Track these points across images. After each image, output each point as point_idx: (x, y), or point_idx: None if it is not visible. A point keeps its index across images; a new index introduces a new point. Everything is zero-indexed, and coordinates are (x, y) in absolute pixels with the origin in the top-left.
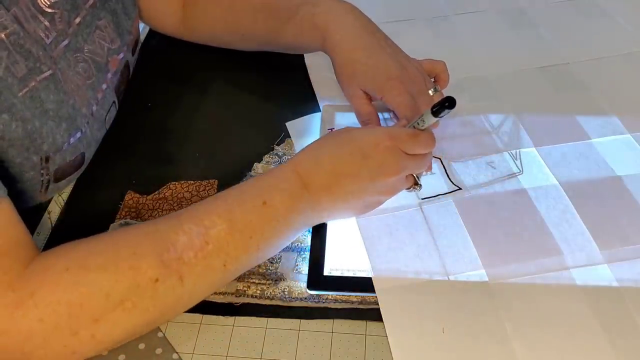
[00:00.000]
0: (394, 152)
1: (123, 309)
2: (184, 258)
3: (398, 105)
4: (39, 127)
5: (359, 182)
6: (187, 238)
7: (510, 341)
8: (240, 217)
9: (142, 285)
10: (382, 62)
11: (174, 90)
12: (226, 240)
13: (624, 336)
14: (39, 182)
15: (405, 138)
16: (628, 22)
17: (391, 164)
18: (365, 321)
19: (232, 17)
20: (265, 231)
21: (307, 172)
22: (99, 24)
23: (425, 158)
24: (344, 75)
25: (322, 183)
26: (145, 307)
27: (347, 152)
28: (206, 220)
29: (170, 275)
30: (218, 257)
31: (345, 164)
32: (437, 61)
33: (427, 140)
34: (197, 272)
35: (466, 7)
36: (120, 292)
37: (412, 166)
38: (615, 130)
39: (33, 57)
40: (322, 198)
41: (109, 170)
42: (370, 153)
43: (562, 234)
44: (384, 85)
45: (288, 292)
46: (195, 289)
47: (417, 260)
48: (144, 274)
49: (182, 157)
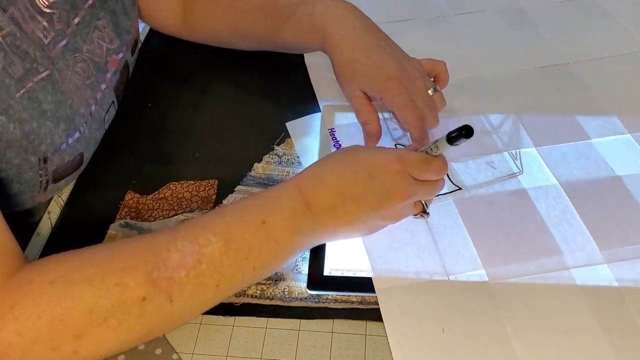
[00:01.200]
0: (402, 176)
1: (107, 326)
2: (175, 277)
3: (397, 105)
4: (36, 128)
5: (363, 205)
6: (180, 256)
7: (510, 341)
8: (237, 236)
9: (128, 303)
10: (381, 62)
11: (174, 90)
12: (220, 260)
13: (624, 336)
14: (38, 183)
15: (416, 163)
16: (628, 22)
17: (398, 188)
18: (365, 321)
19: (231, 17)
20: (263, 252)
21: (311, 191)
22: (97, 24)
23: (435, 185)
24: (343, 76)
25: (325, 203)
26: (131, 325)
27: (353, 173)
28: (201, 238)
29: (159, 294)
30: (211, 276)
31: (350, 184)
32: (437, 61)
33: (439, 167)
34: (188, 291)
35: (466, 7)
36: (104, 309)
37: (420, 193)
38: (615, 130)
39: (30, 58)
40: (325, 219)
41: (109, 170)
42: (377, 175)
43: (562, 234)
44: (383, 85)
45: (288, 292)
46: (185, 308)
47: (417, 260)
48: (131, 292)
49: (182, 157)
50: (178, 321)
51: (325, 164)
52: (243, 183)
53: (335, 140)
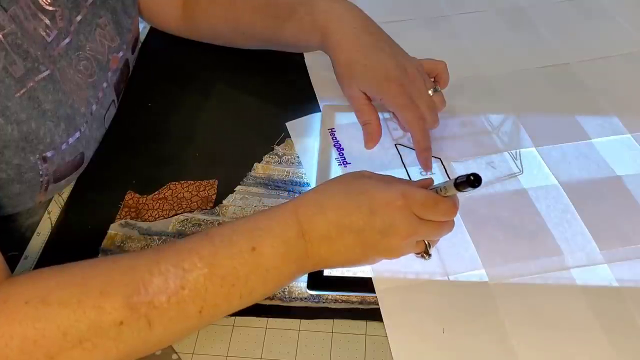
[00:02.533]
0: (405, 214)
1: (82, 348)
2: (155, 302)
3: (397, 106)
4: (35, 128)
5: (362, 239)
6: (162, 280)
7: (510, 341)
8: (224, 263)
9: (104, 327)
10: (380, 62)
11: (174, 90)
12: (205, 286)
13: (624, 336)
14: (39, 183)
15: (421, 201)
16: (628, 22)
17: (400, 226)
18: (365, 321)
19: (232, 15)
20: (250, 280)
21: (308, 219)
22: (99, 22)
23: (442, 226)
24: (343, 76)
25: (322, 233)
26: (107, 348)
27: (354, 205)
28: (186, 262)
29: (138, 319)
30: (194, 303)
31: (350, 217)
32: (437, 61)
33: (446, 209)
34: (168, 317)
35: (466, 7)
36: (79, 332)
37: (424, 232)
38: (615, 130)
39: (31, 57)
40: (321, 249)
41: (109, 170)
42: (379, 211)
43: (562, 234)
44: (382, 86)
45: (288, 292)
46: (165, 333)
47: (417, 261)
48: (108, 315)
49: (182, 157)
50: (157, 346)
51: (327, 191)
52: (243, 183)
53: (335, 140)
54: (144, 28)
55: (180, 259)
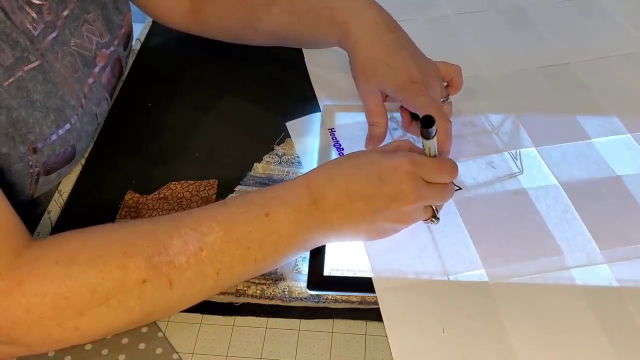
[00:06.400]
0: (413, 178)
1: (108, 305)
2: (175, 262)
3: (421, 106)
4: (25, 116)
5: (372, 206)
6: (182, 242)
7: (510, 341)
8: (240, 227)
9: (128, 285)
10: (403, 63)
11: (174, 90)
12: (222, 248)
13: (624, 336)
14: (28, 174)
15: (429, 165)
16: (628, 22)
17: (409, 190)
18: (365, 321)
19: (244, 9)
20: (264, 244)
21: (320, 189)
22: (87, 17)
23: (446, 189)
24: (362, 74)
25: (333, 201)
26: (130, 306)
27: (363, 174)
28: (204, 226)
29: (159, 278)
30: (211, 264)
31: (360, 185)
32: (452, 65)
33: (450, 169)
34: (187, 277)
35: (466, 7)
36: (106, 290)
37: (431, 196)
38: (615, 130)
39: (20, 47)
40: (332, 216)
41: (109, 170)
42: (388, 177)
43: (562, 234)
44: (405, 87)
45: (288, 292)
46: (184, 293)
47: (417, 261)
48: (132, 274)
49: (182, 157)
50: (177, 306)
51: (336, 164)
52: (243, 183)
53: (335, 140)
54: (144, 27)
55: (198, 224)
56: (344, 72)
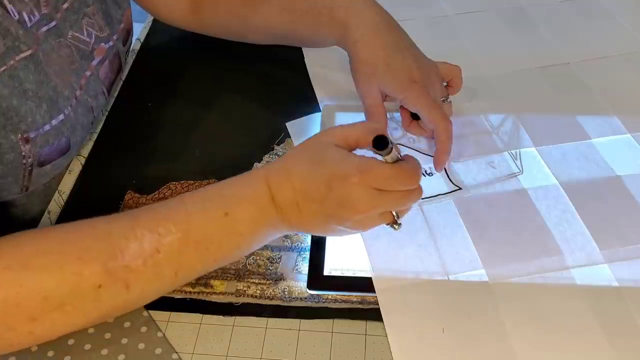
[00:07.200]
0: (361, 189)
1: (63, 311)
2: (132, 265)
3: (422, 106)
4: (16, 105)
5: (324, 210)
6: (138, 244)
7: (510, 341)
8: (198, 228)
9: (84, 291)
10: (404, 63)
11: (174, 90)
12: (179, 250)
13: (624, 336)
14: (21, 165)
15: (379, 174)
16: (628, 22)
17: (357, 201)
18: (365, 321)
19: (244, 8)
20: (224, 243)
21: (277, 186)
22: (87, 11)
23: (405, 196)
24: (362, 74)
25: (289, 199)
26: (86, 310)
27: (316, 175)
28: (161, 227)
29: (115, 282)
30: (169, 266)
31: (312, 186)
32: (453, 66)
33: (407, 178)
34: (145, 279)
35: (466, 7)
36: (60, 296)
37: (386, 204)
38: (615, 130)
39: (12, 36)
40: (290, 215)
41: (109, 170)
42: (336, 186)
43: (562, 234)
44: (405, 87)
45: (288, 292)
46: (142, 294)
47: (417, 260)
48: (87, 281)
49: (182, 157)
50: (135, 305)
51: (295, 157)
52: None
53: None
54: (144, 27)
55: (155, 225)
56: (344, 72)
